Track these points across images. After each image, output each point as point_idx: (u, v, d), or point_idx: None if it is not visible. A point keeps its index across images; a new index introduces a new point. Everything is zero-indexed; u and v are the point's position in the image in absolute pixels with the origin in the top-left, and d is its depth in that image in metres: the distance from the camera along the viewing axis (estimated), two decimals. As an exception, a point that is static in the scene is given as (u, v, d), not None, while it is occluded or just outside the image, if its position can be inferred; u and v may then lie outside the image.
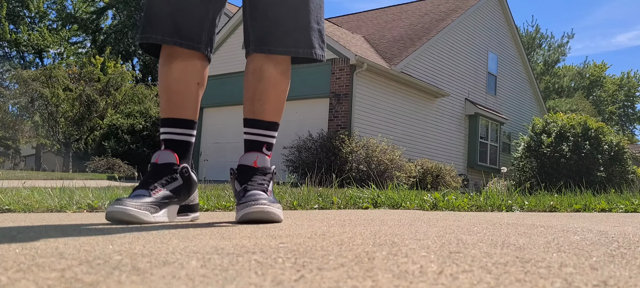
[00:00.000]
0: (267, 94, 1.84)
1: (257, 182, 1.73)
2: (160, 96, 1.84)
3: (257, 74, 1.83)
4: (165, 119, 1.82)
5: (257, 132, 1.85)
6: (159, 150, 1.79)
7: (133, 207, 1.58)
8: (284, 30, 1.77)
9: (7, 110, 29.20)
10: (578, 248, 1.06)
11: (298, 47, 1.79)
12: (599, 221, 2.09)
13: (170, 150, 1.78)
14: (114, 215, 1.57)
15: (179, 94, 1.80)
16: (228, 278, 0.70)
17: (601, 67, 45.06)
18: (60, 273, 0.72)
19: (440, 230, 1.43)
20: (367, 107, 14.01)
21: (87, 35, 39.85)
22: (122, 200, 1.61)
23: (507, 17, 20.77)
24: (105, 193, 3.06)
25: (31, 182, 5.51)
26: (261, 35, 1.79)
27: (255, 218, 1.60)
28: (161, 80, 1.82)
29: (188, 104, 1.81)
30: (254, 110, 1.85)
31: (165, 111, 1.82)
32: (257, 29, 1.80)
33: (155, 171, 1.73)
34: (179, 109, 1.81)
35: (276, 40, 1.78)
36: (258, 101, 1.84)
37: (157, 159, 1.75)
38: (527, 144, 14.05)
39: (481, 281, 0.71)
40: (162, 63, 1.81)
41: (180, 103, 1.81)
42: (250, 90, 1.85)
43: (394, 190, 3.70)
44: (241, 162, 1.80)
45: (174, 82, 1.80)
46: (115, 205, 1.58)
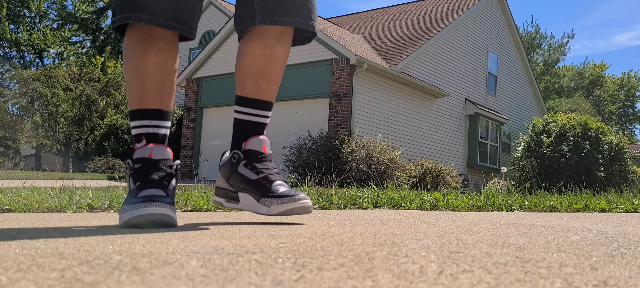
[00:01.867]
0: (276, 75, 1.74)
1: (275, 172, 1.68)
2: (136, 85, 1.63)
3: (268, 52, 1.69)
4: (143, 110, 1.63)
5: (261, 113, 1.73)
6: (148, 145, 1.61)
7: (171, 210, 1.46)
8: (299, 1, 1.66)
9: (7, 110, 29.21)
10: (578, 248, 1.06)
11: (305, 19, 1.67)
12: (599, 221, 2.09)
13: (162, 144, 1.62)
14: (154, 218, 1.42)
15: (161, 83, 1.63)
16: (228, 278, 0.70)
17: (601, 67, 45.07)
18: (60, 273, 0.72)
19: (440, 230, 1.43)
20: (367, 107, 14.01)
21: (87, 35, 39.86)
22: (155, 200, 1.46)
23: (507, 17, 20.78)
24: (105, 193, 3.06)
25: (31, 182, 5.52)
26: (272, 7, 1.64)
27: (300, 213, 1.60)
28: (138, 66, 1.62)
29: (169, 94, 1.66)
30: (259, 90, 1.71)
31: (145, 102, 1.62)
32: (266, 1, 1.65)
33: (156, 167, 1.58)
34: (160, 98, 1.64)
35: (291, 10, 1.64)
36: (265, 81, 1.72)
37: (150, 154, 1.58)
38: (527, 143, 14.05)
39: (481, 281, 0.71)
40: (139, 47, 1.61)
41: (161, 92, 1.64)
42: (257, 68, 1.70)
43: (394, 190, 3.70)
44: (250, 147, 1.68)
45: (156, 70, 1.62)
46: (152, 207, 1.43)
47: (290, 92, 13.74)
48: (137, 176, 1.56)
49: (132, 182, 1.57)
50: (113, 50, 35.01)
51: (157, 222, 1.42)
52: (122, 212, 1.49)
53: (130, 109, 1.66)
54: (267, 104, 1.74)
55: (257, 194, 1.64)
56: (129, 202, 1.49)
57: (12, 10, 36.14)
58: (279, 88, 1.84)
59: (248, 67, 1.71)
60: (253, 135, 1.71)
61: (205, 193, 3.23)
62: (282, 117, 14.12)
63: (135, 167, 1.58)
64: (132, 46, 1.63)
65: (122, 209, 1.50)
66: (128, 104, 1.68)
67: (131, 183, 1.58)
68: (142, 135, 1.62)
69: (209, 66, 16.53)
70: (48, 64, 34.45)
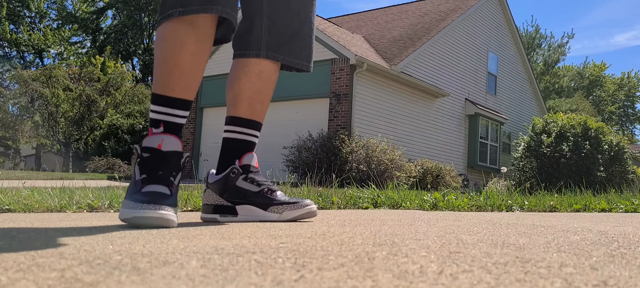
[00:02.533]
0: (268, 98, 1.88)
1: (270, 183, 1.82)
2: (166, 71, 1.61)
3: (264, 77, 1.83)
4: (168, 97, 1.61)
5: (253, 133, 1.87)
6: (161, 134, 1.58)
7: (172, 211, 1.46)
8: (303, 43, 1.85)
9: (7, 110, 29.21)
10: (578, 248, 1.06)
11: (303, 60, 1.87)
12: (599, 221, 2.09)
13: (174, 135, 1.60)
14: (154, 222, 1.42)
15: (191, 74, 1.63)
16: (228, 278, 0.70)
17: (601, 67, 45.07)
18: (60, 273, 0.72)
19: (440, 230, 1.43)
20: (367, 107, 14.01)
21: (87, 35, 39.86)
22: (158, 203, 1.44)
23: (507, 17, 20.77)
24: (105, 194, 3.06)
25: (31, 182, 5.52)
26: (277, 43, 1.80)
27: (309, 218, 1.76)
28: (172, 53, 1.60)
29: (196, 85, 1.66)
30: (252, 111, 1.84)
31: (170, 89, 1.61)
32: (273, 35, 1.80)
33: (163, 160, 1.55)
34: (187, 89, 1.63)
35: (293, 51, 1.83)
36: (260, 103, 1.85)
37: (160, 145, 1.55)
38: (527, 143, 14.05)
39: (481, 281, 0.71)
40: (178, 35, 1.60)
41: (189, 83, 1.63)
42: (254, 90, 1.83)
43: (394, 190, 3.70)
44: (246, 162, 1.80)
45: (190, 61, 1.61)
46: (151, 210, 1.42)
47: (290, 92, 13.73)
48: (144, 167, 1.54)
49: (138, 171, 1.55)
50: (113, 50, 35.01)
51: (157, 225, 1.43)
52: (125, 207, 1.48)
53: (155, 91, 1.63)
54: (258, 124, 1.88)
55: (263, 204, 1.75)
56: (133, 198, 1.48)
57: (12, 10, 36.14)
58: (279, 88, 1.91)
59: (244, 89, 1.82)
60: (247, 151, 1.82)
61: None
62: (282, 117, 14.12)
63: (144, 156, 1.56)
64: (171, 31, 1.60)
65: (126, 203, 1.49)
66: (153, 86, 1.66)
67: (137, 172, 1.55)
68: (161, 121, 1.60)
69: (209, 66, 16.50)
70: (48, 64, 34.45)
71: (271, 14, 1.79)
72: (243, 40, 1.83)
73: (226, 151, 1.82)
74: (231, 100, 1.84)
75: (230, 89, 1.85)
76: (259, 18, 1.79)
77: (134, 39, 39.35)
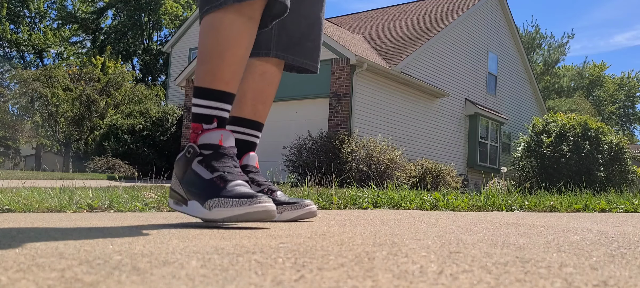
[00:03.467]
0: (271, 98, 1.89)
1: (271, 183, 1.83)
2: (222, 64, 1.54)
3: (267, 77, 1.84)
4: (222, 92, 1.55)
5: (256, 133, 1.87)
6: (217, 129, 1.53)
7: (273, 204, 1.43)
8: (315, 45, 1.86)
9: (7, 110, 29.20)
10: (578, 248, 1.06)
11: (313, 61, 1.88)
12: (599, 221, 2.09)
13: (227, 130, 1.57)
14: (265, 216, 1.39)
15: (243, 67, 1.59)
16: (228, 278, 0.70)
17: (601, 67, 45.06)
18: (60, 273, 0.72)
19: (440, 230, 1.43)
20: (367, 107, 14.01)
21: (87, 35, 39.87)
22: (260, 196, 1.40)
23: (507, 17, 20.77)
24: (105, 194, 3.06)
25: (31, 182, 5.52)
26: (286, 43, 1.81)
27: (308, 218, 1.75)
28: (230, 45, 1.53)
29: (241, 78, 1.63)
30: (255, 112, 1.85)
31: (227, 84, 1.55)
32: (282, 36, 1.80)
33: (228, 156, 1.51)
34: (237, 84, 1.59)
35: (303, 52, 1.84)
36: (262, 104, 1.86)
37: (221, 140, 1.52)
38: (527, 143, 14.05)
39: (481, 281, 0.71)
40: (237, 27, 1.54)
41: (240, 77, 1.59)
42: (257, 91, 1.84)
43: (394, 190, 3.70)
44: (246, 162, 1.81)
45: (245, 55, 1.56)
46: (258, 204, 1.38)
47: (290, 92, 13.73)
48: (212, 164, 1.48)
49: (205, 170, 1.48)
50: (113, 50, 35.00)
51: (264, 219, 1.40)
52: (219, 205, 1.40)
53: (204, 85, 1.56)
54: (260, 125, 1.88)
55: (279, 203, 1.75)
56: (224, 195, 1.41)
57: (12, 10, 36.15)
58: (280, 88, 1.92)
59: (248, 90, 1.82)
60: (248, 151, 1.83)
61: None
62: (282, 117, 14.11)
63: (206, 154, 1.49)
64: (229, 23, 1.53)
65: (215, 202, 1.41)
66: (201, 79, 1.57)
67: (203, 171, 1.48)
68: (214, 117, 1.54)
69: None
70: (48, 64, 34.45)
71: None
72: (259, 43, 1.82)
73: None
74: (235, 100, 1.80)
75: None
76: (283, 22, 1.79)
77: (134, 39, 39.35)
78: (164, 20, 38.98)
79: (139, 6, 37.97)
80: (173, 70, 23.15)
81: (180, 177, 1.54)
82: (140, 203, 2.69)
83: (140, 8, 38.16)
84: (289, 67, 1.90)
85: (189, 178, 1.50)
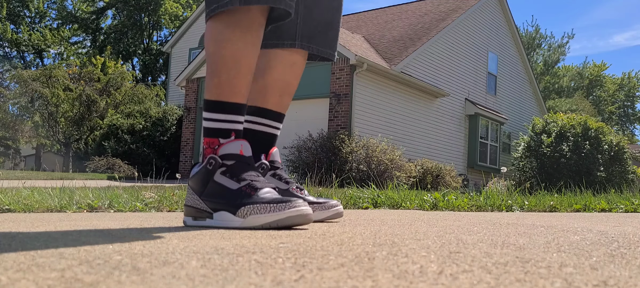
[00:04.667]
0: (294, 90, 1.84)
1: (292, 179, 1.79)
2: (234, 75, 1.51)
3: (295, 69, 1.80)
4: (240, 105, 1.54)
5: (279, 126, 1.83)
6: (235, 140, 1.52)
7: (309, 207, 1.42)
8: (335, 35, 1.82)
9: (7, 110, 29.20)
10: (578, 248, 1.06)
11: (333, 50, 1.84)
12: (599, 221, 2.09)
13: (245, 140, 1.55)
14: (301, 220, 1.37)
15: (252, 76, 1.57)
16: (228, 278, 0.70)
17: (601, 66, 45.04)
18: (60, 273, 0.72)
19: (440, 230, 1.43)
20: (367, 107, 14.01)
21: (87, 35, 39.87)
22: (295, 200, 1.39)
23: (507, 17, 20.76)
24: (105, 194, 3.06)
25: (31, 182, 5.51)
26: (310, 34, 1.76)
27: (335, 219, 1.71)
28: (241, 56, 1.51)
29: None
30: (281, 104, 1.80)
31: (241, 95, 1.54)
32: (308, 25, 1.75)
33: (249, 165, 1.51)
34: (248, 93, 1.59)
35: (326, 41, 1.79)
36: (288, 95, 1.82)
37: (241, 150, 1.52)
38: (527, 144, 14.05)
39: (481, 281, 0.71)
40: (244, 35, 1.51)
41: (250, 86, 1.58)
42: (283, 82, 1.79)
43: (394, 190, 3.70)
44: (274, 158, 1.77)
45: (254, 63, 1.55)
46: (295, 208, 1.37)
47: (290, 92, 13.71)
48: (237, 173, 1.47)
49: (230, 180, 1.46)
50: (113, 50, 34.99)
51: (304, 223, 1.39)
52: (253, 213, 1.39)
53: (219, 98, 1.52)
54: (283, 116, 1.84)
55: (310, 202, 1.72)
56: (255, 202, 1.40)
57: (11, 10, 36.14)
58: None
59: (277, 80, 1.77)
60: (272, 146, 1.80)
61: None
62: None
63: (229, 164, 1.48)
64: (234, 32, 1.50)
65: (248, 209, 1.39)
66: (214, 92, 1.53)
67: (228, 181, 1.46)
68: (231, 130, 1.52)
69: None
70: (48, 64, 34.45)
71: (308, 3, 1.74)
72: (277, 30, 1.73)
73: (252, 144, 1.69)
74: (260, 90, 1.76)
75: (261, 79, 1.76)
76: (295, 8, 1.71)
77: (134, 39, 39.35)
78: (163, 20, 38.99)
79: (139, 6, 37.97)
80: (173, 70, 23.15)
81: (200, 190, 1.50)
82: (140, 203, 2.69)
83: (140, 8, 38.16)
84: (310, 56, 1.85)
85: (213, 190, 1.48)
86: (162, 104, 23.69)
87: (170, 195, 3.08)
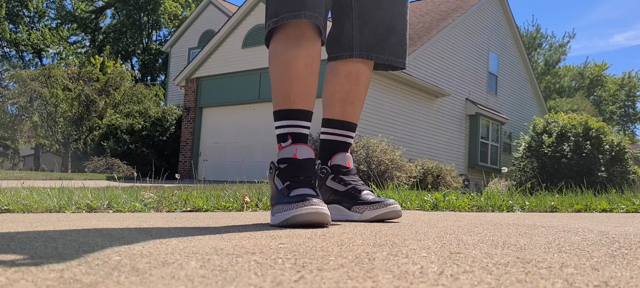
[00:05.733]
0: (360, 98, 1.90)
1: (360, 183, 1.82)
2: (285, 85, 1.66)
3: (353, 77, 1.85)
4: (294, 110, 1.67)
5: (346, 133, 1.89)
6: (297, 145, 1.64)
7: (325, 208, 1.47)
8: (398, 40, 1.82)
9: (6, 110, 29.20)
10: (579, 249, 1.05)
11: (398, 57, 1.84)
12: (600, 221, 2.08)
13: (306, 144, 1.67)
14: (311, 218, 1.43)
15: (308, 84, 1.68)
16: (227, 279, 0.70)
17: (601, 66, 45.06)
18: (59, 273, 0.72)
19: (441, 231, 1.43)
20: (367, 106, 14.01)
21: (86, 34, 39.87)
22: (311, 199, 1.47)
23: (508, 16, 20.77)
24: (104, 194, 3.05)
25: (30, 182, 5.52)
26: (370, 43, 1.80)
27: (390, 217, 1.72)
28: (288, 67, 1.65)
29: (314, 95, 1.72)
30: (344, 113, 1.88)
31: (293, 102, 1.66)
32: (365, 35, 1.79)
33: (301, 167, 1.60)
34: (307, 100, 1.69)
35: (387, 48, 1.82)
36: (351, 104, 1.88)
37: (295, 154, 1.62)
38: (528, 144, 14.05)
39: (482, 282, 0.70)
40: (290, 48, 1.65)
41: (307, 93, 1.69)
42: (343, 92, 1.86)
43: (395, 191, 3.69)
44: (336, 162, 1.84)
45: (304, 71, 1.66)
46: (307, 206, 1.44)
47: (290, 92, 13.72)
48: (285, 175, 1.60)
49: (279, 182, 1.60)
50: (112, 49, 34.99)
51: (315, 221, 1.44)
52: (278, 211, 1.51)
53: (275, 108, 1.70)
54: (350, 124, 1.90)
55: (348, 203, 1.76)
56: (284, 202, 1.51)
57: (10, 9, 36.13)
58: None
59: (335, 91, 1.86)
60: (338, 152, 1.85)
61: (204, 193, 3.23)
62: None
63: (281, 167, 1.62)
64: (283, 47, 1.67)
65: (277, 208, 1.52)
66: (274, 103, 1.71)
67: (279, 182, 1.61)
68: (288, 134, 1.67)
69: (208, 66, 16.52)
70: (47, 63, 34.44)
71: (361, 12, 1.79)
72: (335, 43, 1.85)
73: (321, 152, 1.88)
74: (324, 101, 1.91)
75: (325, 91, 1.91)
76: (349, 19, 1.80)
77: (133, 39, 39.36)
78: (163, 20, 39.00)
79: (138, 5, 37.98)
80: (172, 69, 23.15)
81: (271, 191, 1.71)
82: (139, 203, 2.68)
83: (139, 7, 38.17)
84: (377, 66, 1.90)
85: (272, 191, 1.66)
86: (162, 104, 23.70)
87: (169, 196, 3.08)
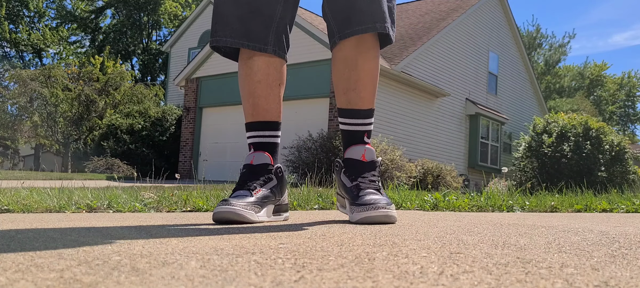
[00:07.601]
0: (362, 82, 1.79)
1: (369, 179, 1.74)
2: (244, 100, 1.83)
3: (348, 62, 1.78)
4: (251, 122, 1.84)
5: (356, 121, 1.82)
6: (252, 152, 1.81)
7: (240, 206, 1.60)
8: (359, 8, 1.71)
9: (6, 110, 29.19)
10: (579, 249, 1.05)
11: (375, 22, 1.71)
12: (600, 221, 2.08)
13: (262, 151, 1.81)
14: (223, 216, 1.58)
15: (263, 98, 1.81)
16: (227, 279, 0.70)
17: (601, 66, 45.05)
18: (59, 273, 0.72)
19: (441, 231, 1.43)
20: (367, 107, 14.00)
21: (86, 34, 39.85)
22: (228, 200, 1.62)
23: (508, 16, 20.76)
24: (104, 194, 3.05)
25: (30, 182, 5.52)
26: (342, 20, 1.74)
27: (377, 222, 1.61)
28: (244, 83, 1.82)
29: (272, 106, 1.83)
30: (349, 100, 1.81)
31: (250, 115, 1.83)
32: (337, 16, 1.75)
33: (251, 172, 1.75)
34: (264, 112, 1.82)
35: (356, 21, 1.72)
36: (353, 91, 1.80)
37: (251, 160, 1.78)
38: (528, 144, 14.04)
39: (482, 282, 0.70)
40: (243, 69, 1.81)
41: (265, 106, 1.82)
42: (343, 80, 1.81)
43: (395, 191, 3.69)
44: (349, 156, 1.80)
45: (257, 86, 1.80)
46: (223, 205, 1.60)
47: (290, 92, 13.72)
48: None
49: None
50: (112, 49, 34.98)
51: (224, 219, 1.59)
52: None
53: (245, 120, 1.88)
54: (359, 111, 1.81)
55: (350, 201, 1.74)
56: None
57: (10, 9, 36.12)
58: None
59: (336, 80, 1.85)
60: (353, 143, 1.81)
61: (204, 193, 3.23)
62: (282, 117, 14.10)
63: (242, 171, 1.78)
64: (240, 68, 1.83)
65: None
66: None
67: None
68: (250, 144, 1.84)
69: (208, 66, 16.52)
70: (47, 63, 34.43)
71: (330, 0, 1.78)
72: (329, 33, 1.84)
73: (342, 142, 1.89)
74: (336, 94, 1.90)
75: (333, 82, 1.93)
76: (327, 5, 1.79)
77: (133, 39, 39.35)
78: (163, 20, 38.98)
79: (138, 5, 37.97)
80: (172, 69, 23.14)
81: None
82: (139, 203, 2.68)
83: (139, 7, 38.16)
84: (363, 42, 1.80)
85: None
86: (162, 104, 23.69)
87: (169, 196, 3.08)
